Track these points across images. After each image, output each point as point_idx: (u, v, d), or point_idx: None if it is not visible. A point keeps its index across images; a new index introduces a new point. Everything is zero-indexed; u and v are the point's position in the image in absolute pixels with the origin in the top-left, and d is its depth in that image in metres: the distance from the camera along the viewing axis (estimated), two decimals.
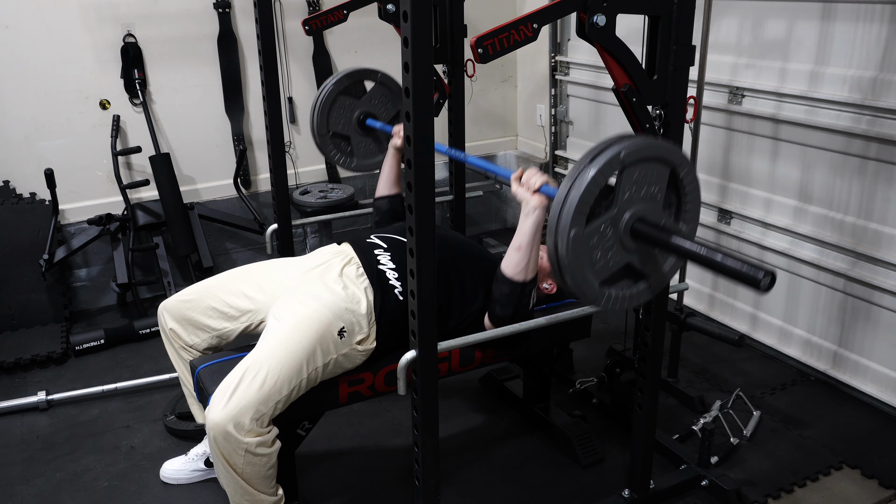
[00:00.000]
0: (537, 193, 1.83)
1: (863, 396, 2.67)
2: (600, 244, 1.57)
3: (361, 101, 2.81)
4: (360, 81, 2.81)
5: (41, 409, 2.71)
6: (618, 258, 1.61)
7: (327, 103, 2.74)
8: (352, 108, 2.80)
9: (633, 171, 1.56)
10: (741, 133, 2.97)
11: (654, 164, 1.58)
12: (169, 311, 2.13)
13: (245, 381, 1.79)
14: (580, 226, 1.52)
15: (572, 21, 3.10)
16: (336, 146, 2.83)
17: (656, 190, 1.61)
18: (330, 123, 2.78)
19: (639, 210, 1.58)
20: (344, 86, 2.76)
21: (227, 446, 1.76)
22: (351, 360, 1.96)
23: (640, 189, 1.59)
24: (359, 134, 2.84)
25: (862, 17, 2.47)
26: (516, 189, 1.88)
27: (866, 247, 2.59)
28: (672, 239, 1.53)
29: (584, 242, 1.54)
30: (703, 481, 2.21)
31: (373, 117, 2.80)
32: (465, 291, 2.07)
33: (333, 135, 2.80)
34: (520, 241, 1.88)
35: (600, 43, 1.61)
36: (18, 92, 3.18)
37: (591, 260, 1.57)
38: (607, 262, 1.60)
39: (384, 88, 2.82)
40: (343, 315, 1.93)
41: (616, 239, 1.59)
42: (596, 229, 1.56)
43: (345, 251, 2.14)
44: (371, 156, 2.87)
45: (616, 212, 1.57)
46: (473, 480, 2.31)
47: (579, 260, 1.54)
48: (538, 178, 1.84)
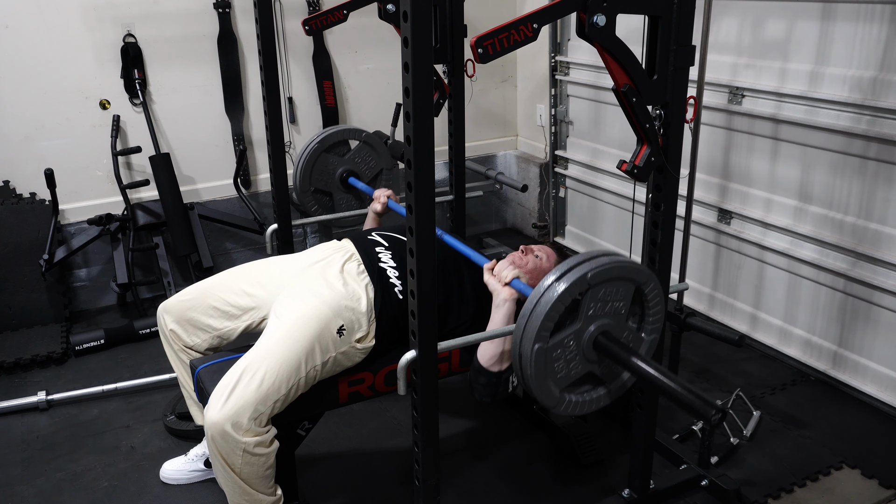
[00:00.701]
0: (508, 286, 1.88)
1: (863, 396, 2.66)
2: (563, 355, 1.66)
3: (345, 158, 2.85)
4: (345, 140, 2.86)
5: (41, 409, 2.71)
6: (579, 368, 1.70)
7: (311, 161, 2.80)
8: (335, 166, 2.85)
9: (598, 290, 1.64)
10: (741, 133, 2.97)
11: (620, 282, 1.67)
12: (169, 312, 2.13)
13: (243, 380, 1.78)
14: (544, 341, 1.61)
15: (572, 21, 3.10)
16: (318, 201, 2.88)
17: (620, 305, 1.70)
18: (312, 180, 2.82)
19: (602, 325, 1.67)
20: (329, 144, 2.81)
21: (226, 446, 1.76)
22: (350, 359, 1.96)
23: (605, 305, 1.68)
24: (341, 191, 2.89)
25: (862, 17, 2.47)
26: (488, 279, 1.93)
27: (866, 247, 2.59)
28: (631, 359, 1.62)
29: (547, 355, 1.62)
30: (703, 481, 2.21)
31: (355, 176, 2.86)
32: (463, 293, 2.07)
33: (315, 191, 2.85)
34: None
35: (600, 43, 1.61)
36: (18, 92, 3.18)
37: (554, 370, 1.66)
38: (569, 371, 1.69)
39: (368, 147, 2.88)
40: (343, 313, 1.93)
41: (579, 350, 1.67)
42: (560, 342, 1.64)
43: (346, 247, 2.14)
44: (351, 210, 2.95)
45: (580, 326, 1.65)
46: (473, 480, 2.31)
47: (541, 372, 1.63)
48: (509, 272, 1.89)
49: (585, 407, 1.75)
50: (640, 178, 1.80)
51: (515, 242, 3.92)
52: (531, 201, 4.22)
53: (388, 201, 2.58)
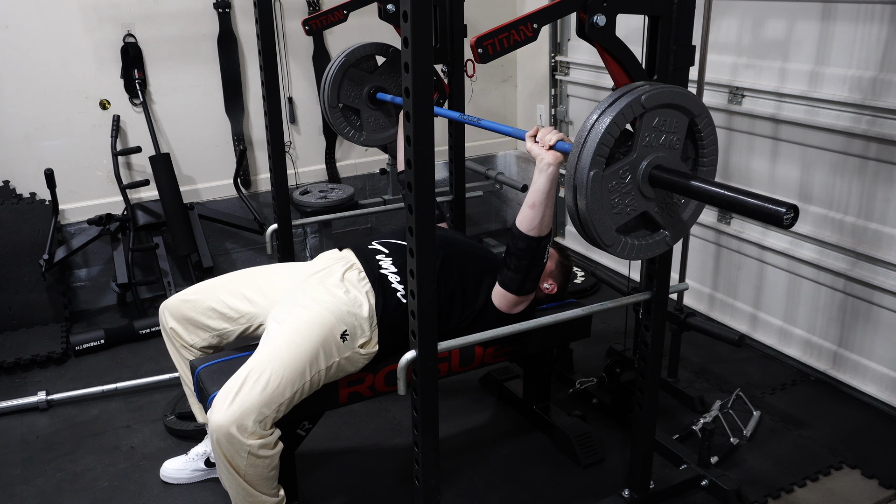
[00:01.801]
0: (552, 149, 1.80)
1: (863, 396, 2.66)
2: (618, 189, 1.56)
3: (373, 75, 2.80)
4: (372, 56, 2.80)
5: (41, 409, 2.71)
6: (635, 205, 1.60)
7: (339, 76, 2.72)
8: (362, 82, 2.79)
9: (652, 117, 1.55)
10: (741, 133, 2.97)
11: (673, 111, 1.57)
12: (170, 311, 2.14)
13: (248, 383, 1.79)
14: (599, 167, 1.51)
15: (572, 21, 3.10)
16: (346, 119, 2.82)
17: (675, 139, 1.60)
18: (341, 96, 2.77)
19: (657, 157, 1.58)
20: (355, 58, 2.74)
21: (230, 448, 1.76)
22: (353, 364, 1.96)
23: (660, 136, 1.58)
24: (369, 108, 2.82)
25: (862, 17, 2.47)
26: (531, 146, 1.84)
27: (866, 247, 2.59)
28: (691, 184, 1.52)
29: (602, 185, 1.53)
30: (703, 481, 2.21)
31: (383, 91, 2.80)
32: (465, 291, 2.07)
33: (344, 108, 2.80)
34: (534, 199, 1.86)
35: (600, 43, 1.61)
36: (18, 92, 3.18)
37: (609, 204, 1.56)
38: (625, 208, 1.59)
39: (395, 64, 2.81)
40: (345, 318, 1.93)
41: (634, 185, 1.58)
42: (614, 173, 1.54)
43: (346, 257, 2.15)
44: (381, 130, 2.86)
45: (635, 157, 1.56)
46: (473, 480, 2.31)
47: (597, 203, 1.53)
48: (553, 135, 1.81)
49: (642, 251, 1.65)
50: None
51: None
52: None
53: None
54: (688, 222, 1.71)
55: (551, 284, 2.24)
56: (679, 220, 1.70)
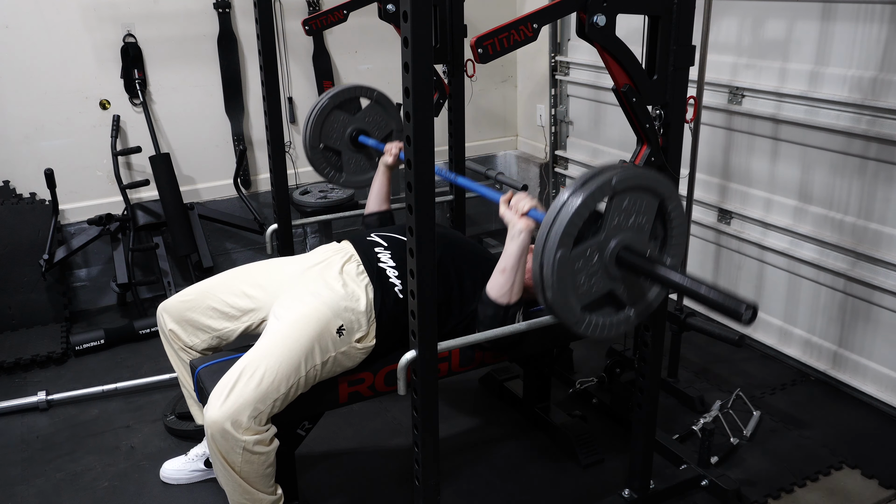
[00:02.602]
0: (524, 217, 1.86)
1: (863, 396, 2.67)
2: (585, 269, 1.60)
3: (356, 117, 2.83)
4: (356, 98, 2.83)
5: (41, 409, 2.71)
6: (601, 285, 1.64)
7: (321, 117, 2.76)
8: (345, 124, 2.82)
9: (622, 199, 1.59)
10: (741, 133, 2.97)
11: (643, 193, 1.61)
12: (168, 312, 2.13)
13: (243, 379, 1.79)
14: (567, 247, 1.54)
15: (572, 21, 3.10)
16: (326, 160, 2.85)
17: (644, 220, 1.64)
18: (322, 137, 2.80)
19: (625, 238, 1.61)
20: (339, 101, 2.78)
21: (225, 444, 1.76)
22: (350, 359, 1.96)
23: (629, 218, 1.62)
24: (350, 150, 2.86)
25: (862, 17, 2.47)
26: (504, 211, 1.90)
27: (866, 247, 2.59)
28: (656, 269, 1.56)
29: (569, 265, 1.56)
30: (703, 481, 2.21)
31: (366, 134, 2.83)
32: (464, 290, 2.07)
33: (325, 148, 2.82)
34: (505, 264, 1.89)
35: (600, 43, 1.61)
36: (18, 92, 3.18)
37: (575, 284, 1.59)
38: (591, 287, 1.62)
39: (379, 107, 2.85)
40: (342, 313, 1.93)
41: (601, 265, 1.62)
42: (582, 253, 1.58)
43: (345, 249, 2.14)
44: (360, 172, 2.88)
45: (603, 238, 1.59)
46: (473, 480, 2.31)
47: (563, 282, 1.56)
48: (526, 202, 1.87)
49: (607, 329, 1.67)
50: None
51: None
52: None
53: (400, 153, 2.53)
54: (653, 302, 1.74)
55: None
56: (645, 300, 1.73)
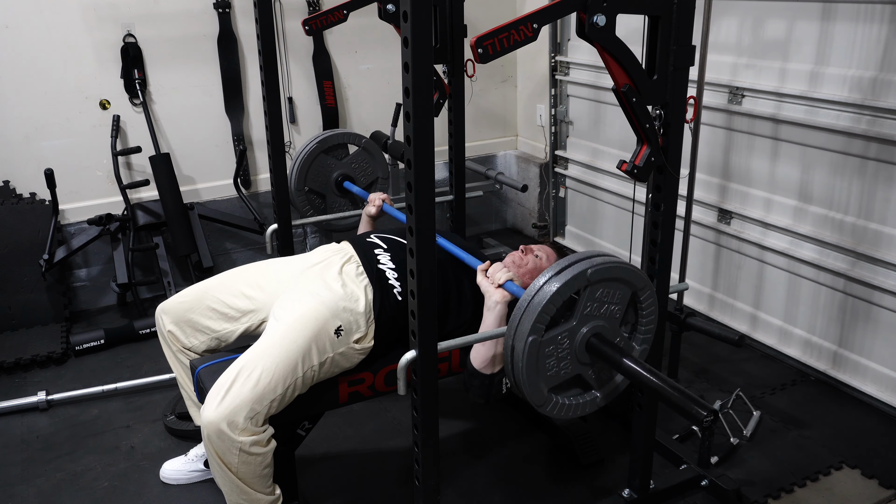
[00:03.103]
0: (500, 288, 1.87)
1: (863, 396, 2.66)
2: (555, 353, 1.64)
3: (342, 162, 2.85)
4: (344, 144, 2.85)
5: (41, 409, 2.71)
6: (570, 369, 1.69)
7: (308, 161, 2.79)
8: (331, 169, 2.84)
9: (596, 289, 1.64)
10: (741, 133, 2.97)
11: (617, 284, 1.67)
12: (167, 313, 2.13)
13: (239, 379, 1.78)
14: (538, 334, 1.59)
15: (572, 21, 3.10)
16: (310, 202, 2.88)
17: (616, 309, 1.69)
18: (308, 180, 2.83)
19: (596, 326, 1.66)
20: (328, 146, 2.81)
21: (222, 445, 1.76)
22: (349, 360, 1.96)
23: (601, 306, 1.67)
24: (335, 194, 2.88)
25: (862, 17, 2.47)
26: (481, 281, 1.92)
27: (866, 247, 2.59)
28: (623, 362, 1.60)
29: (539, 350, 1.60)
30: (703, 481, 2.21)
31: (351, 180, 2.85)
32: (462, 294, 2.07)
33: (310, 191, 2.84)
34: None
35: (600, 43, 1.61)
36: (18, 92, 3.18)
37: (545, 367, 1.64)
38: (559, 371, 1.67)
39: (366, 154, 2.88)
40: (340, 314, 1.93)
41: (571, 350, 1.66)
42: (553, 339, 1.63)
43: (344, 249, 2.14)
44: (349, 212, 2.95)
45: (574, 324, 1.64)
46: (473, 480, 2.31)
47: (532, 367, 1.61)
48: (503, 274, 1.88)
49: (572, 410, 1.74)
50: (640, 179, 1.81)
51: (515, 242, 3.92)
52: (531, 201, 4.22)
53: (383, 205, 2.58)
54: (620, 386, 1.78)
55: None
56: (612, 384, 1.77)
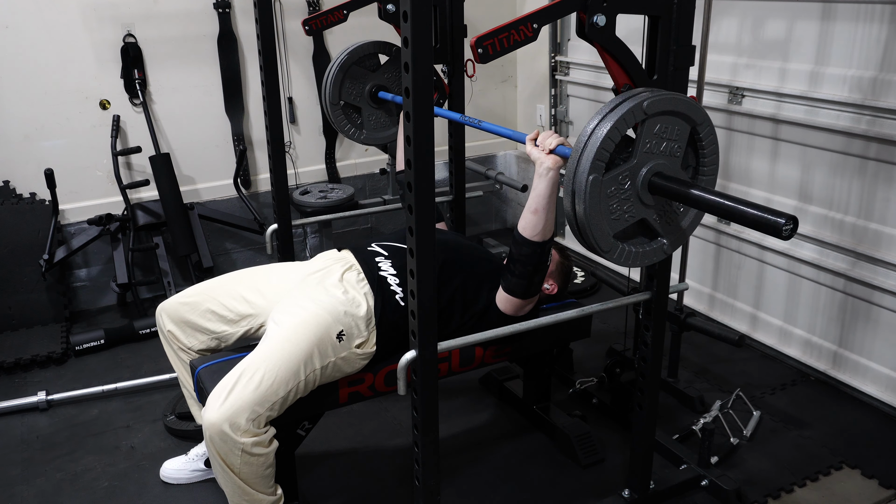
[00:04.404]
0: (552, 154, 1.79)
1: (863, 396, 2.66)
2: (617, 195, 1.55)
3: (375, 73, 2.80)
4: (375, 54, 2.80)
5: (41, 409, 2.71)
6: (634, 212, 1.59)
7: (340, 74, 2.72)
8: (364, 80, 2.79)
9: (654, 123, 1.54)
10: (741, 133, 2.97)
11: (675, 118, 1.56)
12: (167, 313, 2.13)
13: (242, 381, 1.79)
14: (599, 172, 1.49)
15: (572, 21, 3.10)
16: (347, 117, 2.81)
17: (676, 147, 1.59)
18: (342, 94, 2.77)
19: (658, 164, 1.56)
20: (358, 56, 2.74)
21: (224, 446, 1.76)
22: (350, 364, 1.96)
23: (661, 143, 1.56)
24: (370, 106, 2.82)
25: (862, 17, 2.47)
26: (531, 149, 1.83)
27: (866, 247, 2.59)
28: (691, 192, 1.50)
29: (601, 190, 1.51)
30: (703, 481, 2.21)
31: (385, 90, 2.80)
32: (466, 293, 2.07)
33: (345, 105, 2.79)
34: (536, 204, 1.85)
35: (600, 43, 1.61)
36: (18, 92, 3.18)
37: (607, 210, 1.54)
38: (623, 214, 1.57)
39: (397, 62, 2.80)
40: (342, 319, 1.93)
41: (633, 192, 1.57)
42: (614, 178, 1.53)
43: (345, 258, 2.15)
44: (381, 129, 2.86)
45: (635, 163, 1.54)
46: (473, 480, 2.31)
47: (595, 208, 1.51)
48: (554, 139, 1.80)
49: (640, 259, 1.64)
50: None
51: None
52: None
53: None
54: (686, 230, 1.70)
55: (552, 285, 2.24)
56: (678, 229, 1.69)
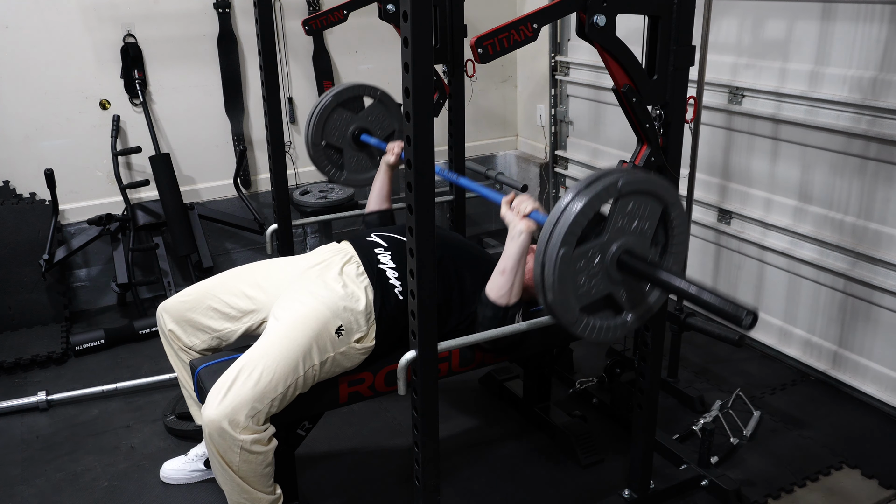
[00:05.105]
0: (526, 218, 1.87)
1: (863, 396, 2.66)
2: (586, 270, 1.60)
3: (358, 115, 2.83)
4: (359, 97, 2.83)
5: (41, 409, 2.71)
6: (601, 287, 1.64)
7: (324, 114, 2.76)
8: (348, 122, 2.82)
9: (627, 202, 1.59)
10: (741, 133, 2.97)
11: (648, 198, 1.62)
12: (168, 312, 2.13)
13: (241, 378, 1.79)
14: (570, 246, 1.54)
15: (572, 21, 3.10)
16: (328, 158, 2.85)
17: (647, 226, 1.64)
18: (325, 134, 2.80)
19: (628, 241, 1.62)
20: (343, 99, 2.78)
21: (223, 443, 1.76)
22: (350, 359, 1.96)
23: (632, 222, 1.62)
24: (352, 148, 2.85)
25: (862, 17, 2.47)
26: (505, 212, 1.91)
27: (866, 247, 2.59)
28: (658, 273, 1.56)
29: (570, 264, 1.56)
30: (703, 481, 2.21)
31: (368, 133, 2.83)
32: (464, 292, 2.07)
33: (327, 146, 2.82)
34: (504, 265, 1.89)
35: (600, 43, 1.61)
36: (18, 92, 3.18)
37: (575, 284, 1.59)
38: (590, 288, 1.62)
39: (382, 106, 2.85)
40: (341, 314, 1.93)
41: (602, 267, 1.62)
42: (584, 253, 1.58)
43: (345, 249, 2.14)
44: (362, 171, 2.88)
45: (606, 240, 1.59)
46: (473, 480, 2.31)
47: (564, 282, 1.56)
48: (528, 204, 1.88)
49: (606, 333, 1.67)
50: None
51: None
52: None
53: (402, 153, 2.53)
54: (653, 307, 1.74)
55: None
56: (644, 305, 1.72)
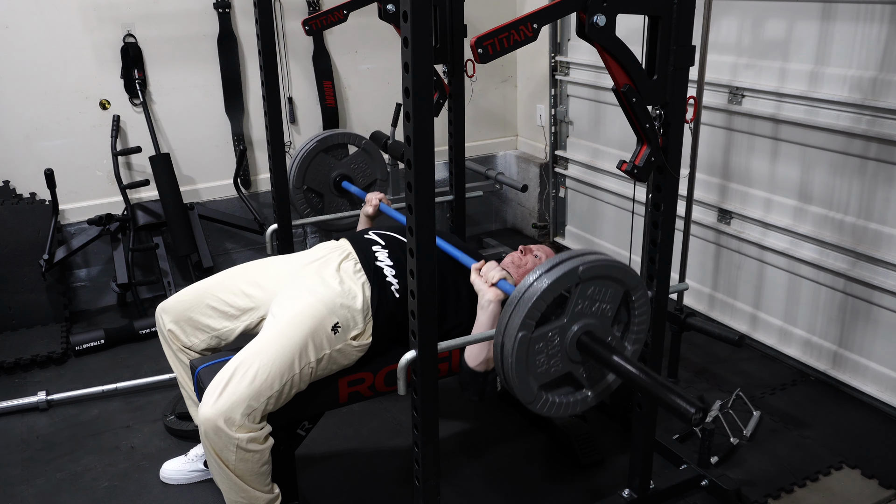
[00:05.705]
0: (494, 287, 1.88)
1: (863, 396, 2.67)
2: (545, 350, 1.63)
3: (342, 162, 2.85)
4: (344, 144, 2.86)
5: (41, 409, 2.71)
6: (561, 366, 1.67)
7: (307, 159, 2.80)
8: (330, 168, 2.85)
9: (587, 287, 1.62)
10: (741, 133, 2.97)
11: (609, 283, 1.65)
12: (167, 312, 2.13)
13: (236, 376, 1.79)
14: (528, 330, 1.58)
15: (572, 21, 3.10)
16: (308, 201, 2.88)
17: (608, 307, 1.68)
18: (306, 179, 2.83)
19: (587, 324, 1.65)
20: (327, 145, 2.82)
21: (219, 442, 1.76)
22: (346, 357, 1.96)
23: (593, 304, 1.65)
24: (333, 194, 2.88)
25: (862, 17, 2.47)
26: (475, 279, 1.94)
27: (866, 247, 2.59)
28: (613, 359, 1.59)
29: (529, 346, 1.59)
30: (703, 481, 2.21)
31: (349, 181, 2.85)
32: (459, 295, 2.08)
33: (308, 190, 2.84)
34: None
35: (600, 43, 1.61)
36: (18, 92, 3.18)
37: (534, 364, 1.62)
38: (549, 368, 1.66)
39: (366, 155, 2.88)
40: (337, 310, 1.93)
41: (562, 348, 1.65)
42: (543, 335, 1.61)
43: (343, 246, 2.15)
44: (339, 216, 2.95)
45: (565, 322, 1.62)
46: (473, 480, 2.31)
47: (522, 363, 1.59)
48: (496, 273, 1.90)
49: (563, 409, 1.73)
50: (640, 179, 1.81)
51: (515, 242, 3.92)
52: (531, 201, 4.22)
53: (380, 204, 2.58)
54: (612, 385, 1.77)
55: None
56: (604, 383, 1.75)
